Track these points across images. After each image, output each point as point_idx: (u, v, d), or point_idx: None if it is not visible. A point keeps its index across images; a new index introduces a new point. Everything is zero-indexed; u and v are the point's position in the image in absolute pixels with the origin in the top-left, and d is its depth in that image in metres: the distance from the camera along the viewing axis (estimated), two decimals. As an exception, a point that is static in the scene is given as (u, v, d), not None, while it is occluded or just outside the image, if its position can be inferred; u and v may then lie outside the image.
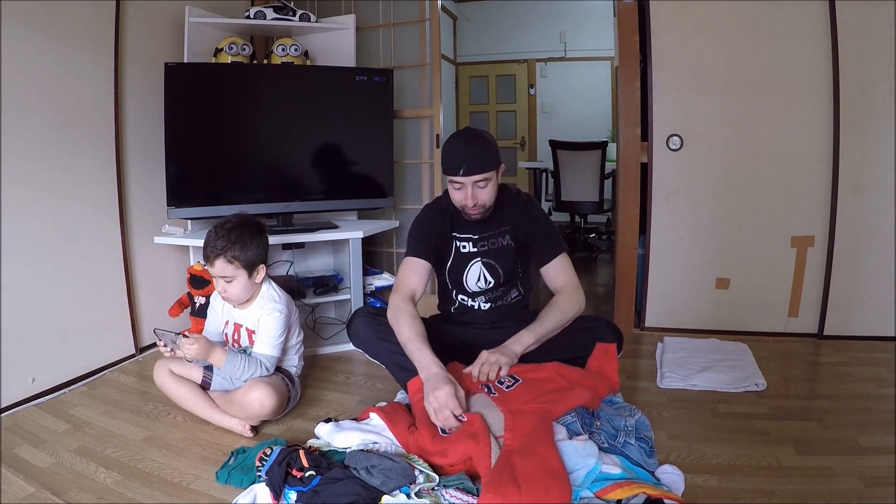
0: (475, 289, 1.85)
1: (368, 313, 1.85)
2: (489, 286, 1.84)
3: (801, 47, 2.28)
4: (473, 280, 1.84)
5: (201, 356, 1.62)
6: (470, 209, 1.72)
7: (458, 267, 1.84)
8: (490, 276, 1.83)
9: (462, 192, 1.69)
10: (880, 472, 1.40)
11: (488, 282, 1.83)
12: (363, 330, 1.80)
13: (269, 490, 1.29)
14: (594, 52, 5.65)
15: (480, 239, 1.82)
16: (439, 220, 1.83)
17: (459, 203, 1.73)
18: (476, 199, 1.69)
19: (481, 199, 1.70)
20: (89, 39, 2.10)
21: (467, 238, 1.83)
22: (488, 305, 1.88)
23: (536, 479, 1.21)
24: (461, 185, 1.68)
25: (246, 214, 1.79)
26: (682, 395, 1.92)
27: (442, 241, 1.82)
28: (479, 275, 1.83)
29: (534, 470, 1.24)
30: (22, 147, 1.89)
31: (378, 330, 1.76)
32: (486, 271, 1.83)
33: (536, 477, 1.22)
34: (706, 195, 2.46)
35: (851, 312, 2.38)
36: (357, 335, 1.82)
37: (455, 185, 1.70)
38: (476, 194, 1.68)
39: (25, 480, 1.44)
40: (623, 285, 2.63)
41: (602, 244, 4.63)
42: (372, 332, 1.77)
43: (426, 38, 2.85)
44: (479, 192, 1.69)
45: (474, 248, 1.82)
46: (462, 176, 1.65)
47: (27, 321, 1.93)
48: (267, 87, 2.48)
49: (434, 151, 2.86)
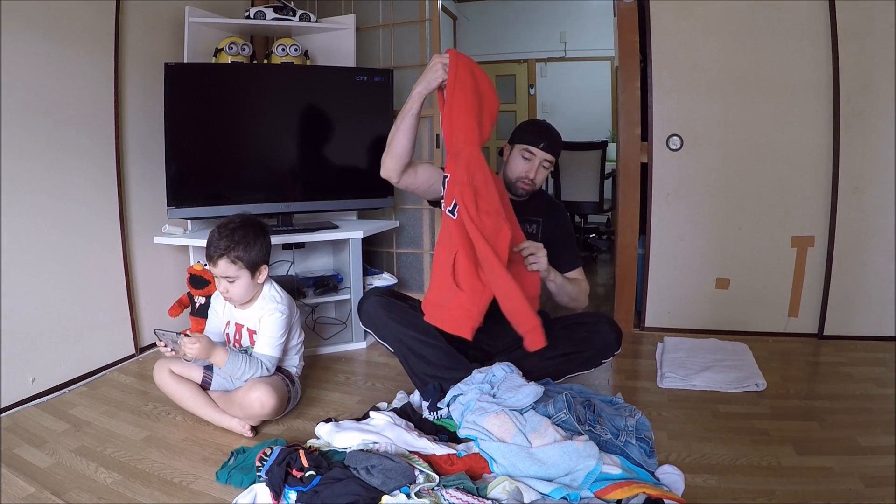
0: None
1: (381, 294, 1.88)
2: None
3: (801, 47, 2.28)
4: None
5: (203, 356, 1.62)
6: (526, 182, 1.84)
7: None
8: None
9: (530, 163, 1.83)
10: (880, 472, 1.40)
11: None
12: (374, 309, 1.81)
13: (269, 490, 1.29)
14: (594, 52, 5.64)
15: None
16: None
17: (520, 174, 1.84)
18: (536, 174, 1.83)
19: (538, 178, 1.85)
20: (89, 39, 2.10)
21: None
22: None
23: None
24: (531, 157, 1.82)
25: (248, 214, 1.79)
26: (682, 395, 1.92)
27: None
28: None
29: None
30: (22, 147, 1.89)
31: (389, 310, 1.79)
32: None
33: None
34: (706, 195, 2.46)
35: (851, 312, 2.38)
36: (367, 314, 1.83)
37: (525, 155, 1.83)
38: (538, 171, 1.84)
39: (25, 480, 1.44)
40: (623, 285, 2.63)
41: (602, 244, 4.63)
42: (383, 311, 1.79)
43: (426, 38, 2.85)
44: (541, 171, 1.84)
45: None
46: (539, 149, 1.81)
47: (27, 321, 1.93)
48: (267, 87, 2.47)
49: (434, 151, 2.86)
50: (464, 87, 1.56)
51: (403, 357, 1.79)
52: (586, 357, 1.78)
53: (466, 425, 1.50)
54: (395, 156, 1.70)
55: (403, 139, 1.67)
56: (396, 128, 1.68)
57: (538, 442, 1.40)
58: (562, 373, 1.80)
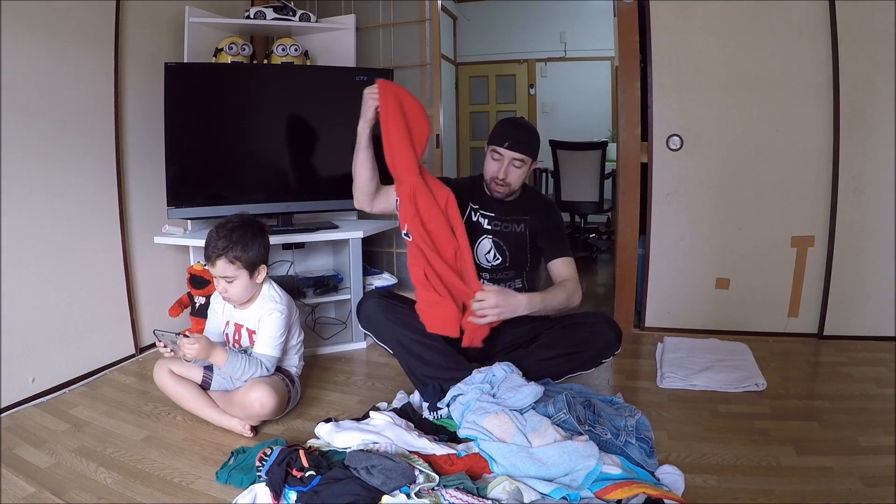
0: (483, 262, 1.92)
1: (380, 296, 1.89)
2: (496, 263, 1.91)
3: (801, 47, 2.28)
4: (483, 252, 1.92)
5: (202, 356, 1.62)
6: (498, 182, 1.84)
7: (471, 236, 1.88)
8: (497, 254, 1.91)
9: (498, 163, 1.82)
10: (880, 472, 1.40)
11: (496, 257, 1.91)
12: (372, 311, 1.83)
13: (269, 490, 1.29)
14: (594, 52, 5.65)
15: (497, 219, 1.92)
16: (464, 186, 1.95)
17: (492, 174, 1.85)
18: (507, 174, 1.82)
19: (510, 178, 1.83)
20: (89, 39, 2.10)
21: (487, 214, 1.93)
22: (490, 286, 1.89)
23: None
24: (500, 157, 1.82)
25: (247, 214, 1.79)
26: (682, 395, 1.92)
27: (459, 201, 1.92)
28: (489, 248, 1.92)
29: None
30: (22, 147, 1.89)
31: (388, 312, 1.80)
32: (496, 248, 1.92)
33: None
34: (706, 195, 2.46)
35: (851, 312, 2.38)
36: (366, 316, 1.85)
37: (494, 156, 1.83)
38: (508, 171, 1.82)
39: (25, 480, 1.44)
40: (623, 285, 2.63)
41: (602, 244, 4.63)
42: (381, 313, 1.81)
43: (426, 38, 2.85)
44: (512, 170, 1.83)
45: (489, 226, 1.92)
46: (504, 148, 1.80)
47: (27, 321, 1.93)
48: (267, 87, 2.47)
49: (434, 151, 2.86)
50: (394, 116, 1.69)
51: (403, 358, 1.80)
52: (586, 357, 1.78)
53: (466, 425, 1.50)
54: (359, 188, 1.86)
55: (362, 171, 1.81)
56: (355, 162, 1.81)
57: (538, 442, 1.39)
58: (562, 373, 1.80)
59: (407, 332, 1.75)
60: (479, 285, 1.70)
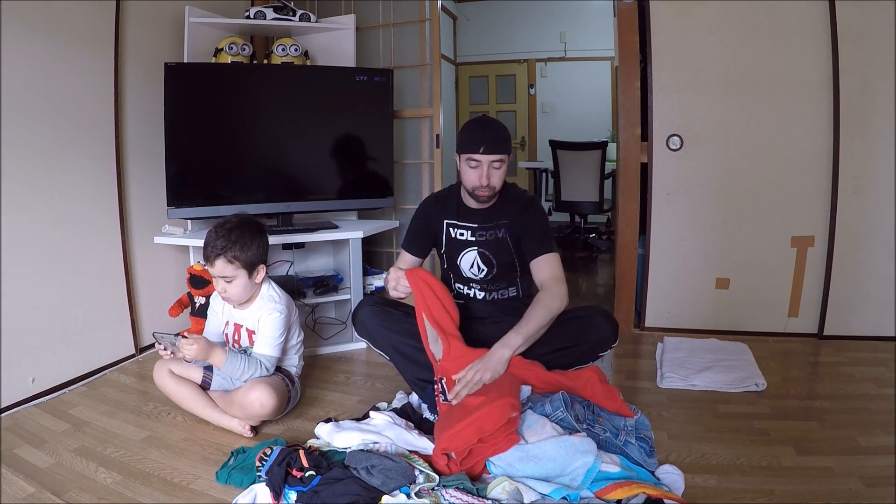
0: (469, 275, 1.87)
1: (374, 303, 1.86)
2: (483, 274, 1.86)
3: (801, 47, 2.28)
4: (467, 266, 1.86)
5: (201, 356, 1.62)
6: (483, 189, 1.75)
7: (454, 252, 1.87)
8: (483, 265, 1.85)
9: (478, 171, 1.73)
10: (880, 472, 1.40)
11: (481, 269, 1.85)
12: (368, 319, 1.81)
13: (269, 490, 1.29)
14: (594, 52, 5.64)
15: (479, 229, 1.84)
16: (428, 214, 1.91)
17: (473, 184, 1.75)
18: (490, 178, 1.73)
19: (493, 181, 1.74)
20: (89, 39, 2.10)
21: (466, 227, 1.86)
22: (483, 295, 1.88)
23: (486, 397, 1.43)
24: (478, 164, 1.72)
25: (246, 214, 1.79)
26: (682, 395, 1.92)
27: (431, 230, 1.90)
28: (472, 261, 1.86)
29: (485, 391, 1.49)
30: (22, 147, 1.89)
31: (383, 319, 1.78)
32: (480, 260, 1.86)
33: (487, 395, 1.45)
34: (706, 195, 2.46)
35: (851, 312, 2.37)
36: (362, 324, 1.83)
37: (472, 164, 1.73)
38: (490, 174, 1.73)
39: (25, 480, 1.44)
40: (623, 285, 2.63)
41: (602, 244, 4.63)
42: (377, 321, 1.79)
43: (426, 38, 2.85)
44: (493, 172, 1.73)
45: (472, 237, 1.85)
46: (481, 154, 1.70)
47: (27, 321, 1.93)
48: (267, 87, 2.47)
49: (434, 151, 2.86)
50: (431, 299, 1.69)
51: (399, 364, 1.79)
52: (583, 350, 1.74)
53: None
54: None
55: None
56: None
57: (534, 438, 1.39)
58: (560, 367, 1.79)
59: (402, 337, 1.74)
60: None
